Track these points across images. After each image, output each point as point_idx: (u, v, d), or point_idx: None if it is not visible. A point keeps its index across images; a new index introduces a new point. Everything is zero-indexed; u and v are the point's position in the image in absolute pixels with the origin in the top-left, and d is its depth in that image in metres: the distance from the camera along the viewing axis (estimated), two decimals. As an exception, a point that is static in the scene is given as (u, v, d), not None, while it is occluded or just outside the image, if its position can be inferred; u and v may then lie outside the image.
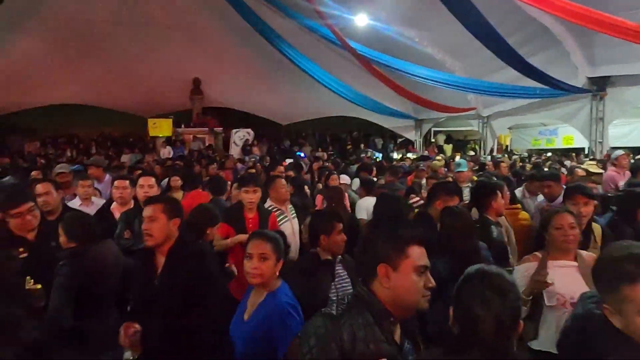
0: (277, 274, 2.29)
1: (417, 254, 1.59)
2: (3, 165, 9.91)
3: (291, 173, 7.07)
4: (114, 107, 17.94)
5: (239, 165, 9.93)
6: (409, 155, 13.46)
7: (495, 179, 4.59)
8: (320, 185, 6.36)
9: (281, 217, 4.24)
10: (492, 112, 12.95)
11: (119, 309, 2.85)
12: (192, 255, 2.46)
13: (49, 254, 2.76)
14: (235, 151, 15.74)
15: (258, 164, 9.78)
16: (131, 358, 2.29)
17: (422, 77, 11.24)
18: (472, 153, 14.45)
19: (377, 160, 12.28)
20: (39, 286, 2.48)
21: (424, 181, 6.35)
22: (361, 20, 10.99)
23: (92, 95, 16.64)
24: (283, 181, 4.47)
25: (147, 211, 2.47)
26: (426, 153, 14.17)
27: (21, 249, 2.71)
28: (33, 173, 5.98)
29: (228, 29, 14.38)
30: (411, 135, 16.80)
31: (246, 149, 15.76)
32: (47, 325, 2.45)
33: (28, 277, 2.53)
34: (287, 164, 8.73)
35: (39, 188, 3.50)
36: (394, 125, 16.66)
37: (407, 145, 17.22)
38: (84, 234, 2.81)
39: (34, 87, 15.16)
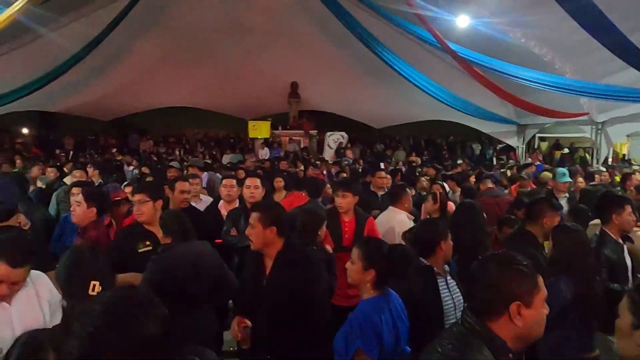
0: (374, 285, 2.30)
1: (542, 283, 1.51)
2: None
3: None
4: (218, 109, 19.10)
5: (334, 168, 10.07)
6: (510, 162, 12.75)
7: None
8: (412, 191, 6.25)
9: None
10: (608, 117, 11.81)
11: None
12: (298, 261, 2.56)
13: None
14: (328, 154, 15.99)
15: (347, 167, 9.87)
16: (232, 348, 2.46)
17: (528, 80, 10.57)
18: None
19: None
20: None
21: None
22: (462, 21, 10.63)
23: (199, 98, 17.87)
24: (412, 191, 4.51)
25: (250, 217, 2.66)
26: (529, 160, 13.30)
27: (147, 242, 2.99)
28: (143, 169, 6.57)
29: (326, 33, 14.66)
30: (513, 141, 15.88)
31: (340, 152, 15.93)
32: None
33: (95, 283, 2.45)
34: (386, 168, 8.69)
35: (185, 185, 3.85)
36: (494, 130, 15.85)
37: (508, 151, 16.32)
38: (179, 231, 2.96)
39: (149, 90, 16.66)
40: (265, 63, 15.67)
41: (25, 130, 18.81)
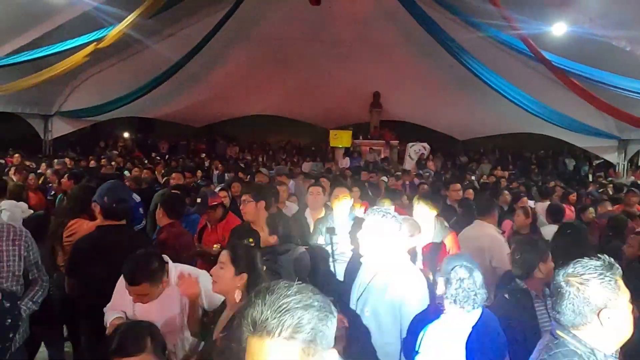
0: None
1: (623, 285, 1.59)
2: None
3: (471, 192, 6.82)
4: (301, 118, 19.59)
5: (416, 180, 9.93)
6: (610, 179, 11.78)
7: None
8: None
9: None
10: None
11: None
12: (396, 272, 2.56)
13: None
14: (409, 165, 15.76)
15: (430, 179, 9.67)
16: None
17: (633, 91, 9.75)
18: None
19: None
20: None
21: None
22: (559, 29, 10.07)
23: (283, 108, 18.45)
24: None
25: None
26: (632, 179, 12.22)
27: (251, 240, 3.18)
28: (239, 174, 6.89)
29: (411, 43, 14.54)
30: (612, 157, 14.65)
31: (421, 163, 15.65)
32: None
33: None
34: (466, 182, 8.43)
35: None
36: (591, 145, 14.74)
37: (606, 168, 15.09)
38: (284, 233, 3.16)
39: (237, 99, 17.49)
40: (349, 73, 15.85)
41: (126, 135, 20.48)
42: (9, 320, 2.32)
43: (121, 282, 2.60)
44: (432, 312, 2.43)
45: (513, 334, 2.39)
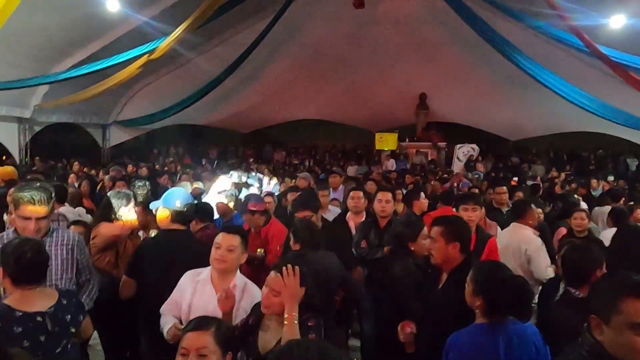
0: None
1: (635, 310, 1.39)
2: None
3: (520, 194, 6.56)
4: (346, 121, 19.61)
5: (465, 181, 9.68)
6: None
7: None
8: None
9: None
10: None
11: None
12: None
13: None
14: (458, 167, 15.40)
15: (484, 182, 9.39)
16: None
17: (702, 85, 9.08)
18: None
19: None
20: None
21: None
22: (617, 21, 9.53)
23: (329, 112, 18.55)
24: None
25: (433, 231, 2.71)
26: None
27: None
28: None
29: (457, 42, 14.24)
30: (680, 155, 13.72)
31: (470, 165, 15.25)
32: None
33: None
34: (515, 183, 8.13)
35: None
36: (655, 143, 13.87)
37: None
38: (307, 239, 3.13)
39: (284, 104, 17.76)
40: (394, 74, 15.73)
41: (177, 142, 21.23)
42: (68, 317, 2.41)
43: (183, 279, 2.77)
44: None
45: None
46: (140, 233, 3.97)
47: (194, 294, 2.70)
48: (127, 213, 3.66)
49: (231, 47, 14.37)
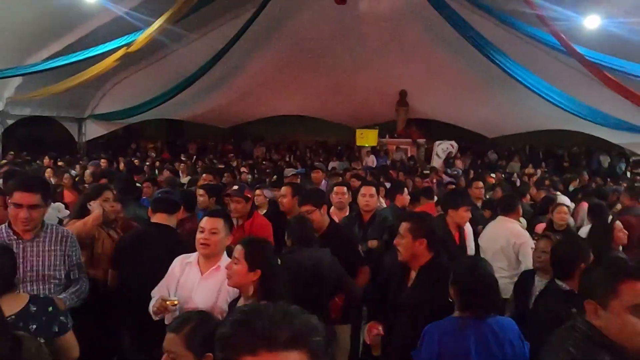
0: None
1: (634, 292, 1.40)
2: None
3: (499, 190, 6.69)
4: (327, 117, 19.59)
5: (445, 177, 9.79)
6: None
7: None
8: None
9: None
10: None
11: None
12: (442, 276, 2.50)
13: None
14: (437, 163, 15.55)
15: (461, 179, 9.51)
16: None
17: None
18: None
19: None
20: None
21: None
22: (592, 22, 9.76)
23: (310, 107, 18.49)
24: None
25: (401, 227, 2.68)
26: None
27: None
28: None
29: (438, 40, 14.35)
30: (650, 153, 14.14)
31: (449, 161, 15.43)
32: None
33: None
34: (493, 179, 8.26)
35: None
36: (627, 141, 14.17)
37: (645, 165, 14.55)
38: (298, 235, 3.15)
39: (264, 100, 17.61)
40: (375, 71, 15.76)
41: (155, 137, 20.92)
42: (34, 326, 2.21)
43: (175, 262, 2.81)
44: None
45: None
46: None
47: (182, 274, 2.78)
48: (95, 207, 3.51)
49: (212, 40, 14.20)
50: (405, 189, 5.38)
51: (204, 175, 6.43)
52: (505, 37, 12.34)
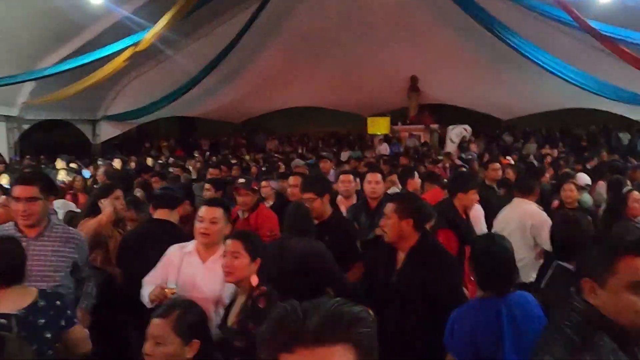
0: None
1: (633, 269, 1.33)
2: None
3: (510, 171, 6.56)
4: (338, 107, 19.47)
5: (458, 162, 9.65)
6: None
7: None
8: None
9: None
10: None
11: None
12: (432, 256, 2.45)
13: None
14: (451, 148, 15.34)
15: (474, 163, 9.36)
16: None
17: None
18: None
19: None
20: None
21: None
22: (605, -6, 9.49)
23: (320, 98, 18.40)
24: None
25: (386, 208, 2.62)
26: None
27: None
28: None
29: (447, 23, 14.14)
30: (672, 128, 13.71)
31: (463, 145, 15.22)
32: None
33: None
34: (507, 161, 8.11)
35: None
36: (648, 117, 13.85)
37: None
38: (291, 223, 3.10)
39: (275, 93, 17.59)
40: (385, 58, 15.58)
41: (168, 135, 21.08)
42: (42, 321, 2.22)
43: (170, 251, 2.79)
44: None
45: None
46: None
47: (182, 263, 2.74)
48: (107, 205, 3.50)
49: (218, 37, 14.22)
50: (416, 173, 5.29)
51: (210, 169, 6.45)
52: (514, 15, 12.07)
